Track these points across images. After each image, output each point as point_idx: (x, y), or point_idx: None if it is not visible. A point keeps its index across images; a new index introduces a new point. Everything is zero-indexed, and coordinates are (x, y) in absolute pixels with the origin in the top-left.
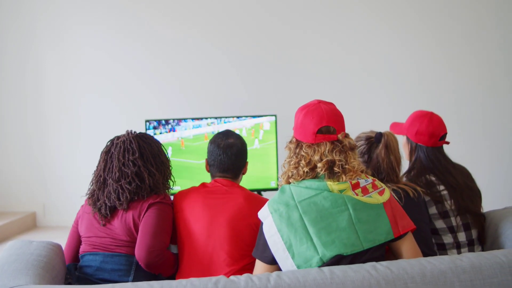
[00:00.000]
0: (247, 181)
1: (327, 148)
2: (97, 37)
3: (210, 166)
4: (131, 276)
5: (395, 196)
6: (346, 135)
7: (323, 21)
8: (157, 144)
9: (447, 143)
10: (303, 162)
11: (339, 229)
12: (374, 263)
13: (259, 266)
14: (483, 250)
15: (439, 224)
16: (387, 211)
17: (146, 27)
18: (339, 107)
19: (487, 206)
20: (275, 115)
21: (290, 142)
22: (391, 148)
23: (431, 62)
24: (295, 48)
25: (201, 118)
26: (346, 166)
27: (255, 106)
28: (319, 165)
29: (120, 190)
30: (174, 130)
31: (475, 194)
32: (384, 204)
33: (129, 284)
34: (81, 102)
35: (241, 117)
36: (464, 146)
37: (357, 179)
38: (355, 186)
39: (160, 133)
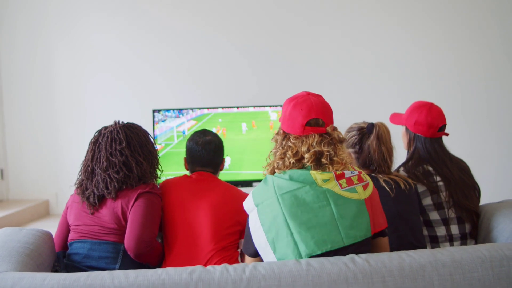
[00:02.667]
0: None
1: (316, 140)
2: (110, 29)
3: (189, 163)
4: (118, 263)
5: (386, 187)
6: (335, 128)
7: (334, 14)
8: (145, 134)
9: (446, 134)
10: (289, 152)
11: (319, 224)
12: (353, 255)
13: (247, 259)
14: (476, 243)
15: (433, 215)
16: (368, 208)
17: (157, 17)
18: (349, 98)
19: (493, 199)
20: None
21: (277, 133)
22: (383, 139)
23: (439, 55)
24: (305, 40)
25: (210, 108)
26: (335, 158)
27: (266, 97)
28: (306, 155)
29: (108, 179)
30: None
31: (470, 189)
32: (366, 201)
33: (105, 272)
34: (91, 94)
35: (250, 107)
36: (472, 139)
37: (343, 170)
38: (339, 177)
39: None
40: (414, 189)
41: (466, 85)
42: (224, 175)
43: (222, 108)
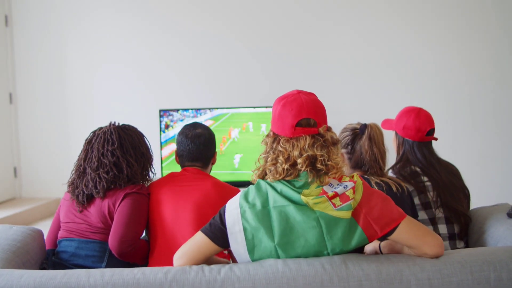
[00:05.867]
0: None
1: (307, 143)
2: (122, 26)
3: (179, 156)
4: (104, 262)
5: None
6: (329, 129)
7: (346, 13)
8: (139, 136)
9: (435, 139)
10: (281, 158)
11: (307, 245)
12: (332, 256)
13: (204, 241)
14: (467, 245)
15: (421, 215)
16: (359, 220)
17: (170, 17)
18: (357, 98)
19: (501, 199)
20: None
21: (267, 136)
22: (375, 140)
23: (447, 55)
24: (316, 39)
25: (219, 108)
26: (329, 162)
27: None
28: (299, 161)
29: (97, 179)
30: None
31: (458, 191)
32: (353, 214)
33: (82, 270)
34: (103, 93)
35: (260, 107)
36: (480, 138)
37: (336, 188)
38: (333, 197)
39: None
40: (407, 192)
41: (474, 84)
42: (235, 175)
43: (232, 108)
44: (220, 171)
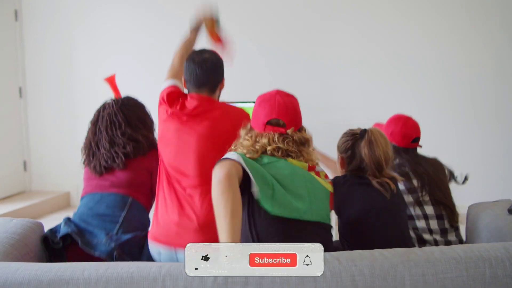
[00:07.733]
0: None
1: (276, 136)
2: (130, 20)
3: (187, 82)
4: (125, 211)
5: (381, 189)
6: (300, 129)
7: (349, 10)
8: (141, 107)
9: (420, 146)
10: (250, 141)
11: (293, 194)
12: (325, 253)
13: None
14: (459, 238)
15: (407, 198)
16: (331, 201)
17: (178, 12)
18: (362, 96)
19: (504, 197)
20: None
21: (244, 126)
22: (375, 144)
23: (451, 54)
24: (321, 36)
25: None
26: (303, 155)
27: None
28: (268, 148)
29: (114, 155)
30: None
31: (446, 187)
32: (331, 194)
33: (77, 264)
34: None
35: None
36: (483, 136)
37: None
38: (310, 169)
39: None
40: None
41: (477, 83)
42: None
43: (237, 102)
44: None
